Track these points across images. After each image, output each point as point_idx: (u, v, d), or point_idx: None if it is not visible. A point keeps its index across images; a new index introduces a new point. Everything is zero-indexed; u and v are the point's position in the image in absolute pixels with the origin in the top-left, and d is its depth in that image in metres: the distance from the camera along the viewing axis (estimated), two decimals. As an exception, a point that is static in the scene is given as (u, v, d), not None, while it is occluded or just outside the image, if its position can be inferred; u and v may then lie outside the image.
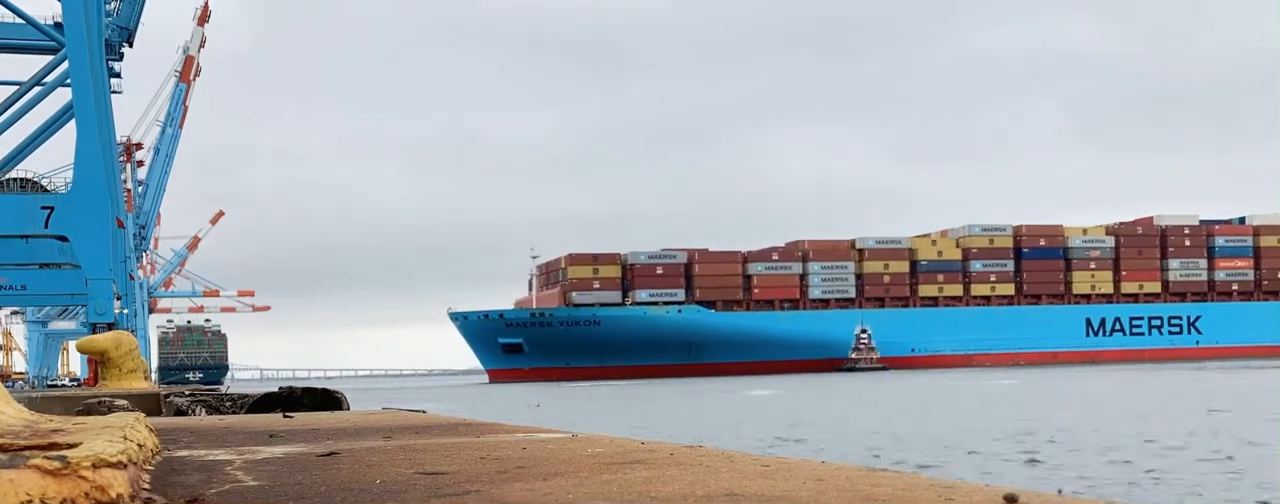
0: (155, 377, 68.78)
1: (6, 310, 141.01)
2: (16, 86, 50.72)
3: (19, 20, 49.31)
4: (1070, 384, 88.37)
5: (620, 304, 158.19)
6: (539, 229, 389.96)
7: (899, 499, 3.12)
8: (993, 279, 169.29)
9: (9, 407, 4.24)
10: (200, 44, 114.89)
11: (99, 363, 22.65)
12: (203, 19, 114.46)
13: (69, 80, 46.17)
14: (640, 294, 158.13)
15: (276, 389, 12.23)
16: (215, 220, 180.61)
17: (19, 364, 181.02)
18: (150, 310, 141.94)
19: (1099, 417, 48.47)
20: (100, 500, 2.70)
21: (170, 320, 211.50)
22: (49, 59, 49.32)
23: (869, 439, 39.52)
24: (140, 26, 64.12)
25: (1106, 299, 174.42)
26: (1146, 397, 65.04)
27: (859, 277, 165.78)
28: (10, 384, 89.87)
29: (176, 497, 3.59)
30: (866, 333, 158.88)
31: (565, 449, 5.01)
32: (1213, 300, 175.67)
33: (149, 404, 14.66)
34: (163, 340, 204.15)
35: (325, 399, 11.84)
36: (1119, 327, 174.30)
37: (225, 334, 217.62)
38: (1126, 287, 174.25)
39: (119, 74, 66.98)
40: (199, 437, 6.56)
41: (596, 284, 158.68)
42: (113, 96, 60.87)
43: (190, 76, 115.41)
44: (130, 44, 64.58)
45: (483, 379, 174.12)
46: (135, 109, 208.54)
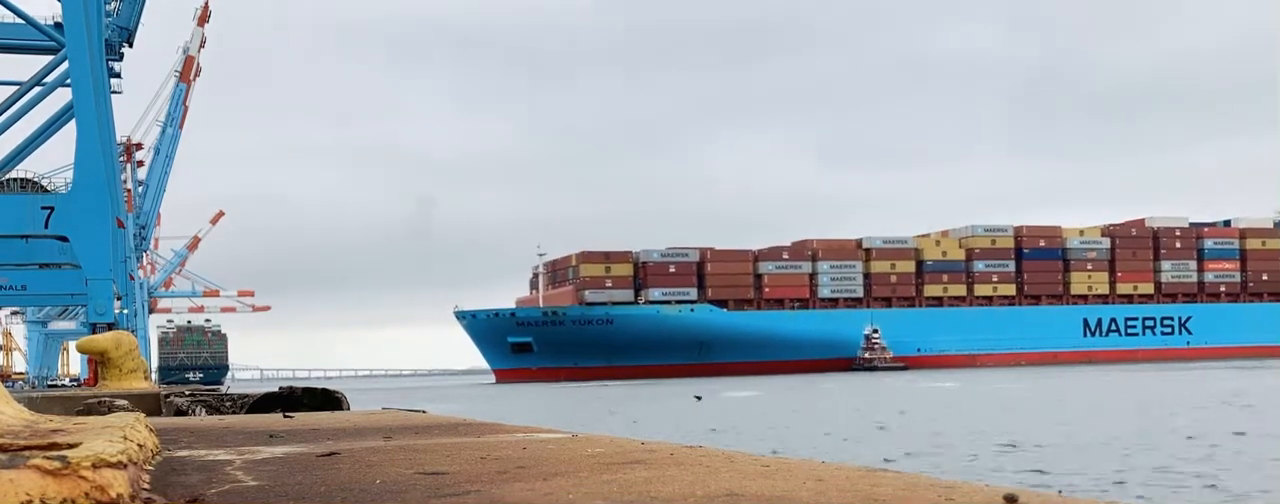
0: (155, 377, 68.74)
1: (6, 310, 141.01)
2: (16, 86, 50.73)
3: (19, 20, 49.35)
4: (1111, 386, 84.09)
5: (633, 303, 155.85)
6: (519, 230, 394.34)
7: (899, 499, 3.12)
8: (995, 279, 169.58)
9: (9, 407, 4.24)
10: (200, 44, 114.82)
11: (99, 363, 22.65)
12: (203, 19, 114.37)
13: (69, 80, 46.16)
14: (653, 292, 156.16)
15: (276, 389, 12.23)
16: (215, 220, 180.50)
17: (19, 364, 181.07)
18: (150, 310, 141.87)
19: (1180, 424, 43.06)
20: (100, 500, 2.69)
21: (170, 320, 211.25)
22: (49, 59, 49.33)
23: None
24: (140, 26, 64.15)
25: (1103, 300, 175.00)
26: (1197, 400, 59.82)
27: (866, 276, 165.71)
28: (10, 384, 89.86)
29: (176, 497, 3.59)
30: (877, 332, 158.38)
31: (565, 449, 5.01)
32: (1202, 301, 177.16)
33: (149, 404, 14.66)
34: (163, 340, 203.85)
35: (325, 399, 11.84)
36: (1114, 327, 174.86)
37: (225, 334, 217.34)
38: (1121, 287, 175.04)
39: (119, 74, 66.98)
40: (199, 437, 6.56)
41: (609, 282, 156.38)
42: (113, 96, 60.87)
43: (190, 76, 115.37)
44: (130, 44, 64.58)
45: (487, 379, 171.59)
46: (135, 109, 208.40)
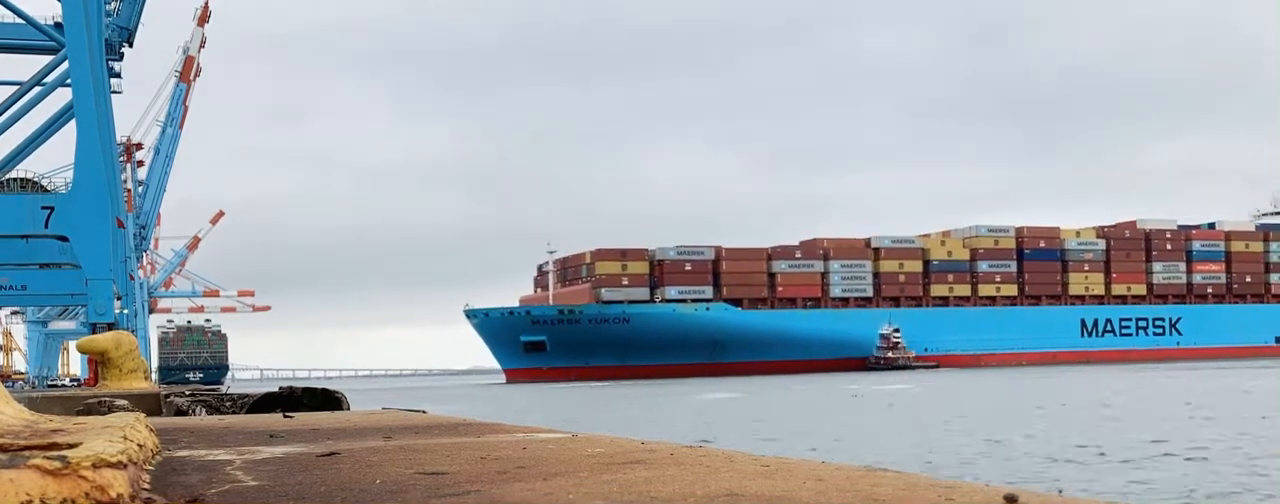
0: (155, 377, 68.72)
1: (6, 310, 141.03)
2: (16, 86, 50.71)
3: (19, 20, 49.31)
4: (1149, 386, 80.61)
5: (649, 301, 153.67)
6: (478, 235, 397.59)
7: (899, 499, 3.12)
8: (998, 279, 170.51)
9: (9, 407, 4.24)
10: (200, 44, 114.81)
11: (99, 363, 22.67)
12: (203, 19, 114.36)
13: (69, 80, 46.13)
14: (669, 291, 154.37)
15: (277, 389, 12.22)
16: (215, 220, 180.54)
17: (19, 364, 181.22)
18: (150, 310, 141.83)
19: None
20: (100, 500, 2.69)
21: (170, 320, 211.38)
22: (49, 59, 49.28)
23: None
24: (140, 26, 64.12)
25: (1099, 300, 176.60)
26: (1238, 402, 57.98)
27: (876, 276, 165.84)
28: (10, 384, 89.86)
29: (176, 497, 3.58)
30: (898, 332, 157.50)
31: (565, 449, 5.01)
32: (1191, 302, 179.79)
33: (149, 404, 14.65)
34: (163, 340, 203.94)
35: (325, 399, 11.84)
36: (1110, 328, 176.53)
37: (225, 334, 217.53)
38: (1116, 289, 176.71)
39: (119, 74, 66.95)
40: (199, 437, 6.56)
41: (625, 280, 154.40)
42: (113, 96, 60.84)
43: (190, 76, 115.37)
44: (130, 44, 64.56)
45: (494, 379, 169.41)
46: (135, 109, 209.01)
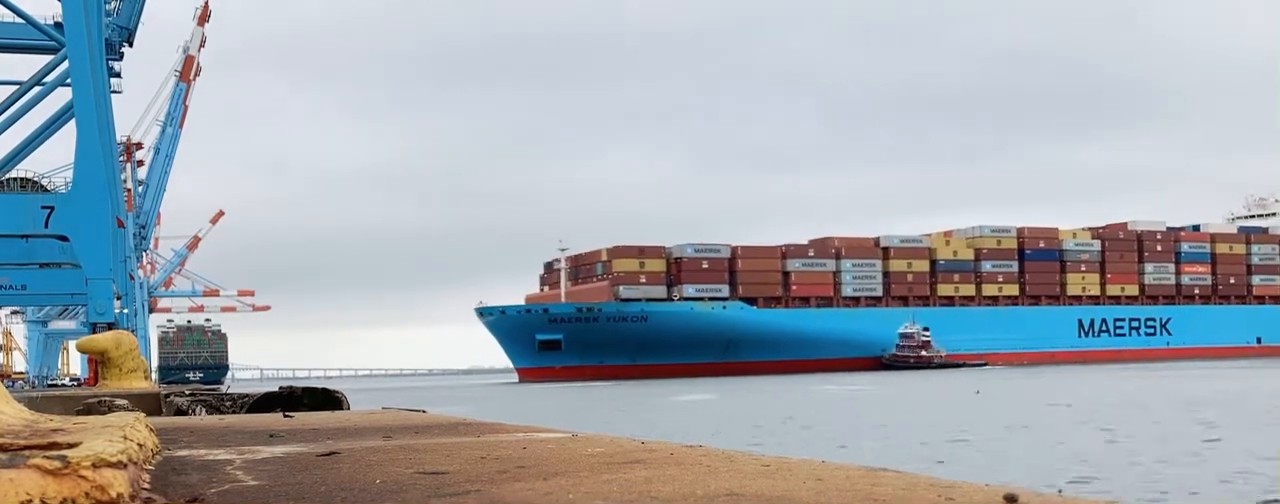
0: (155, 376, 68.76)
1: (6, 310, 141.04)
2: (16, 86, 50.72)
3: (19, 20, 49.30)
4: (1187, 387, 76.75)
5: (667, 299, 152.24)
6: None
7: (899, 499, 3.12)
8: (1000, 279, 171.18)
9: (9, 406, 4.24)
10: (200, 44, 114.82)
11: (99, 363, 22.67)
12: (203, 19, 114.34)
13: (69, 80, 46.10)
14: (687, 289, 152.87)
15: (277, 389, 12.21)
16: (215, 220, 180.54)
17: (19, 364, 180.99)
18: (150, 310, 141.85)
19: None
20: (100, 500, 2.69)
21: (170, 320, 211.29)
22: (49, 59, 49.26)
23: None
24: (140, 26, 64.14)
25: (1094, 301, 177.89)
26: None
27: (886, 275, 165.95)
28: (10, 384, 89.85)
29: (176, 496, 3.58)
30: (926, 330, 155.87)
31: (565, 449, 5.01)
32: (1180, 303, 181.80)
33: (149, 404, 14.65)
34: (163, 340, 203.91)
35: (325, 399, 11.83)
36: (1105, 328, 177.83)
37: (225, 334, 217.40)
38: (1110, 289, 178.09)
39: (119, 74, 66.91)
40: (199, 436, 6.56)
41: (643, 278, 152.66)
42: (113, 96, 60.86)
43: (190, 76, 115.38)
44: (130, 44, 64.56)
45: (504, 379, 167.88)
46: (135, 109, 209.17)
